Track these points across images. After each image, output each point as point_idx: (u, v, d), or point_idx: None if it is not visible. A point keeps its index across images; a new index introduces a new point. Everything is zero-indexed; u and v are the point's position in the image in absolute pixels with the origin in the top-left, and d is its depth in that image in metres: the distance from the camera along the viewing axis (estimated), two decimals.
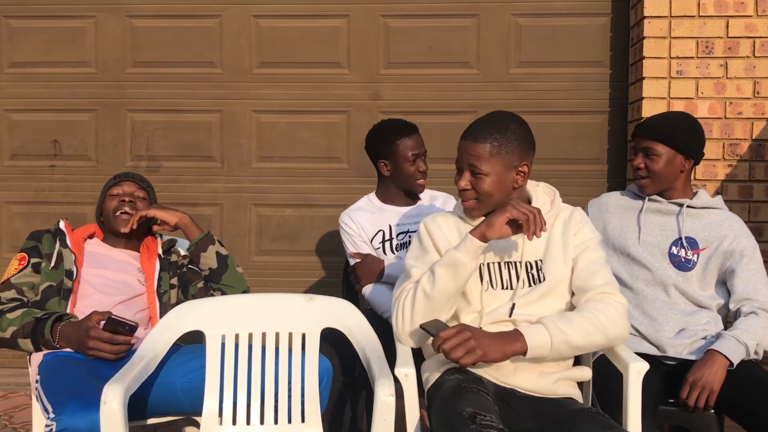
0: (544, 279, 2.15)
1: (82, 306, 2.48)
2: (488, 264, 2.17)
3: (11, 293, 2.47)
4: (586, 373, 2.20)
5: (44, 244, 2.57)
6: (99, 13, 4.08)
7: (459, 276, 2.07)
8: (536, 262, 2.17)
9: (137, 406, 2.25)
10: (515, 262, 2.17)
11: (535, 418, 1.99)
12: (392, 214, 2.97)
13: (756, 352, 2.37)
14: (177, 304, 2.65)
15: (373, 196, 3.06)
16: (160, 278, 2.65)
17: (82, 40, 4.08)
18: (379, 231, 2.95)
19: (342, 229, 2.98)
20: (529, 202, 2.20)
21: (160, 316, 2.55)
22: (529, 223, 2.02)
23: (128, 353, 2.36)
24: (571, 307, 2.17)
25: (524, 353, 1.99)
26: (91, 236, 2.75)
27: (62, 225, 2.64)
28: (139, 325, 2.41)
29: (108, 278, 2.58)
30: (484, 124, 2.15)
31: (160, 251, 2.72)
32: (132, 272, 2.65)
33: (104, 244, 2.72)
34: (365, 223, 2.95)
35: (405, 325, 2.13)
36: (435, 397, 1.96)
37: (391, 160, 2.92)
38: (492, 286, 2.16)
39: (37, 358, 2.41)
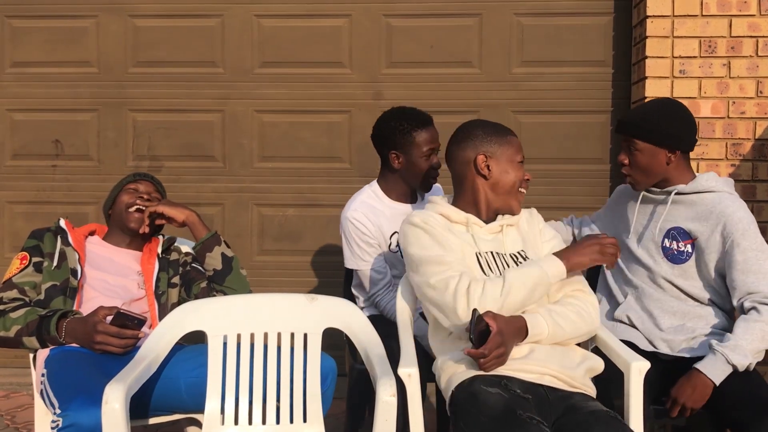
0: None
1: (86, 309, 2.47)
2: (482, 253, 2.23)
3: (13, 293, 2.47)
4: (599, 364, 2.22)
5: (46, 242, 2.56)
6: (101, 12, 4.08)
7: (536, 295, 2.16)
8: (519, 252, 2.26)
9: (140, 404, 2.25)
10: (502, 254, 2.25)
11: (553, 413, 1.99)
12: (403, 213, 2.75)
13: (747, 369, 2.28)
14: (179, 303, 2.65)
15: (376, 188, 2.85)
16: (158, 279, 2.64)
17: (83, 39, 4.08)
18: (395, 233, 2.77)
19: (354, 227, 2.75)
20: None
21: (159, 318, 2.55)
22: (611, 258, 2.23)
23: (135, 348, 2.36)
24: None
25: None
26: (91, 233, 2.74)
27: (63, 223, 2.63)
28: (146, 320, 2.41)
29: (108, 282, 2.58)
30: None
31: (159, 250, 2.72)
32: (131, 276, 2.64)
33: (105, 244, 2.71)
34: (380, 223, 2.76)
35: (462, 316, 2.10)
36: (472, 409, 1.92)
37: (405, 153, 2.73)
38: (486, 275, 2.21)
39: (44, 353, 2.41)
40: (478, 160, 2.25)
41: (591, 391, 2.12)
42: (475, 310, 2.00)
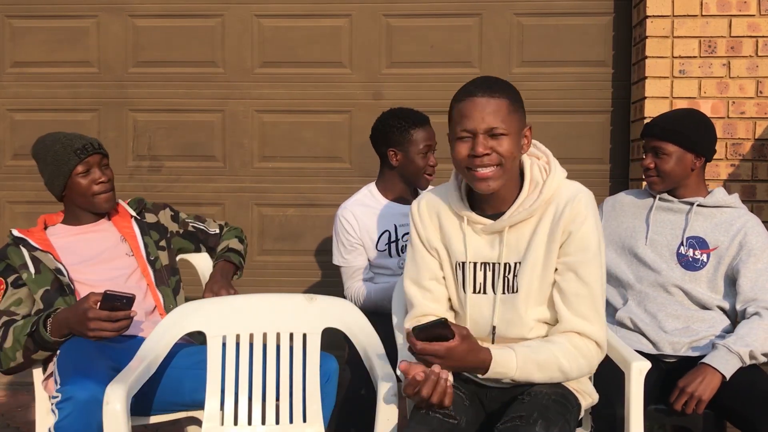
0: (516, 290, 1.93)
1: None
2: (462, 263, 1.98)
3: (1, 321, 2.40)
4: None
5: (12, 257, 2.46)
6: (101, 12, 4.08)
7: None
8: (514, 265, 1.94)
9: (143, 402, 2.25)
10: (492, 263, 1.96)
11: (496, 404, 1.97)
12: (397, 213, 2.87)
13: (753, 357, 2.32)
14: (170, 266, 2.64)
15: (373, 188, 2.95)
16: (145, 245, 2.60)
17: (84, 39, 4.08)
18: (385, 231, 2.86)
19: (341, 225, 2.86)
20: (522, 177, 1.97)
21: (156, 284, 2.56)
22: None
23: (129, 326, 2.29)
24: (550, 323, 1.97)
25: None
26: (46, 227, 2.60)
27: (16, 232, 2.52)
28: (136, 296, 2.31)
29: (96, 270, 2.51)
30: (491, 80, 1.94)
31: (132, 212, 2.66)
32: (117, 248, 2.57)
33: (69, 227, 2.59)
34: (369, 223, 2.85)
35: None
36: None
37: (403, 150, 2.83)
38: (464, 290, 1.99)
39: None
40: None
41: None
42: (445, 319, 1.76)
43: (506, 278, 1.94)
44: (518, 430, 1.76)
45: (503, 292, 1.95)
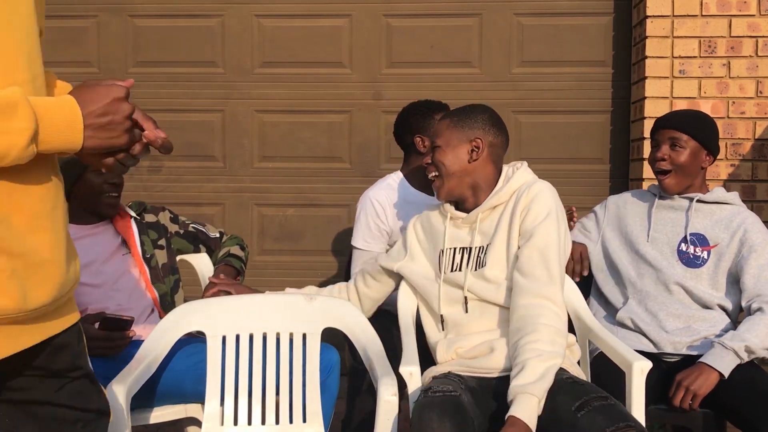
0: (485, 264, 2.17)
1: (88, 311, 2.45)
2: (442, 250, 2.26)
3: None
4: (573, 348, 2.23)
5: None
6: (101, 12, 4.08)
7: None
8: (486, 246, 2.20)
9: (148, 391, 2.25)
10: (468, 248, 2.23)
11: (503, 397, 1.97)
12: (421, 203, 2.73)
13: (751, 352, 2.30)
14: (169, 265, 2.64)
15: (402, 178, 2.90)
16: (142, 243, 2.61)
17: (84, 40, 4.09)
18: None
19: (372, 208, 2.80)
20: (494, 184, 2.23)
21: (152, 281, 2.56)
22: None
23: (129, 346, 2.32)
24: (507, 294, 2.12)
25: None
26: None
27: None
28: (135, 318, 2.32)
29: (91, 277, 2.48)
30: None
31: (132, 213, 2.67)
32: (114, 250, 2.57)
33: (73, 226, 2.53)
34: (398, 210, 2.81)
35: None
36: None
37: (429, 135, 2.77)
38: (441, 270, 2.25)
39: None
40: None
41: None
42: None
43: (478, 257, 2.20)
44: (608, 410, 1.84)
45: (474, 269, 2.19)
